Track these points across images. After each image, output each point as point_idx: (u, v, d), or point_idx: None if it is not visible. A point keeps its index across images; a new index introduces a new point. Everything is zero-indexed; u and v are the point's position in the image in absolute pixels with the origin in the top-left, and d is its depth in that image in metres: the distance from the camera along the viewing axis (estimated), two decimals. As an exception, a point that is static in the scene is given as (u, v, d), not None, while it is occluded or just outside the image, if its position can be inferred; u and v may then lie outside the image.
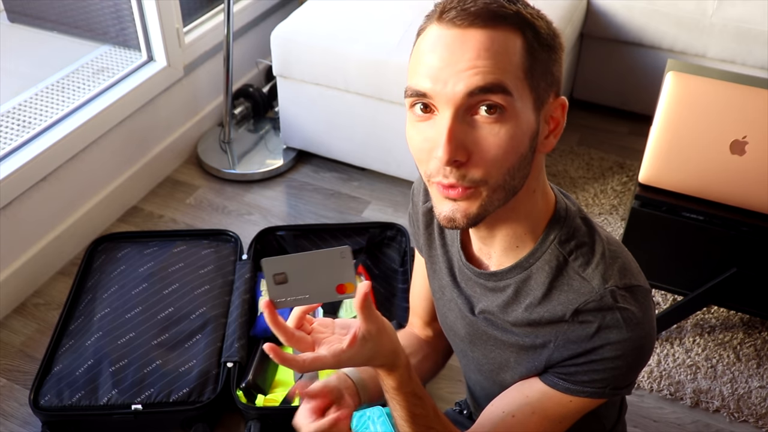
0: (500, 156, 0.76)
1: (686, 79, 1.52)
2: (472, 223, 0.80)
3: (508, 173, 0.77)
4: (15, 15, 2.67)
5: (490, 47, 0.73)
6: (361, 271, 1.96)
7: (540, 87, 0.77)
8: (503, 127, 0.75)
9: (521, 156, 0.77)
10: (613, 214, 2.26)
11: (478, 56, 0.73)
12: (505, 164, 0.77)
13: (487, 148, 0.75)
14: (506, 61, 0.74)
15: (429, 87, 0.75)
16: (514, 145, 0.76)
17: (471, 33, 0.74)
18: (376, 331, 0.81)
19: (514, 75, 0.74)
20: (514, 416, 0.91)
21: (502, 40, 0.74)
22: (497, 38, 0.74)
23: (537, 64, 0.76)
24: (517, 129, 0.76)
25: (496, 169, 0.76)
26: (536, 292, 0.86)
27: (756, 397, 1.75)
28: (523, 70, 0.75)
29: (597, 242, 0.86)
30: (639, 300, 0.84)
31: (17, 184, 1.91)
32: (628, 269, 0.85)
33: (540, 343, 0.87)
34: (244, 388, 1.67)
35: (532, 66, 0.75)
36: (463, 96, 0.74)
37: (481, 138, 0.75)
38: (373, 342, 0.81)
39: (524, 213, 0.85)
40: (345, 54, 2.13)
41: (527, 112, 0.76)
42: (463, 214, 0.79)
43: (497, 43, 0.74)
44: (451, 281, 0.96)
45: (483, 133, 0.75)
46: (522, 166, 0.78)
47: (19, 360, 1.85)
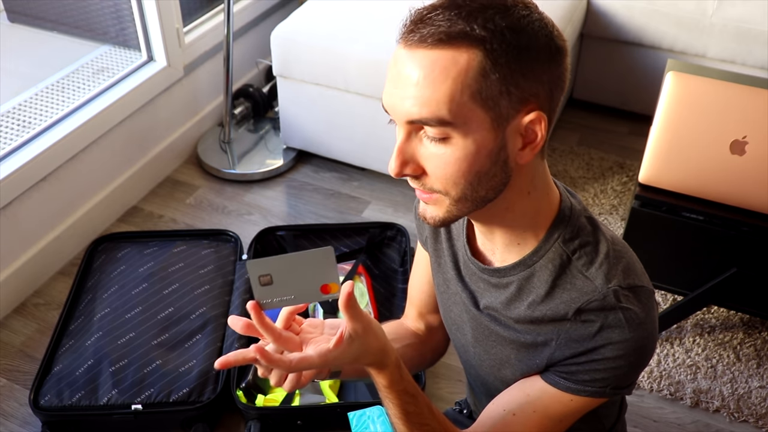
0: (451, 173, 0.77)
1: (686, 79, 1.52)
2: (440, 224, 0.83)
3: (468, 187, 0.78)
4: (15, 15, 2.67)
5: (430, 73, 0.73)
6: (361, 271, 1.96)
7: (499, 105, 0.74)
8: (448, 149, 0.76)
9: (479, 173, 0.77)
10: (613, 214, 2.26)
11: (417, 83, 0.74)
12: (461, 180, 0.77)
13: (436, 166, 0.78)
14: (446, 88, 0.73)
15: (387, 106, 0.79)
16: (466, 164, 0.76)
17: (417, 54, 0.74)
18: (362, 330, 0.81)
19: (456, 101, 0.73)
20: (515, 415, 0.91)
21: (445, 63, 0.72)
22: (441, 61, 0.72)
23: (492, 84, 0.73)
24: (466, 151, 0.76)
25: (452, 185, 0.78)
26: (539, 289, 0.86)
27: (756, 397, 1.75)
28: (471, 93, 0.73)
29: (601, 241, 0.86)
30: (642, 300, 0.84)
31: (17, 184, 1.91)
32: (631, 269, 0.85)
33: (541, 341, 0.88)
34: (244, 388, 1.67)
35: (487, 87, 0.73)
36: (404, 122, 0.77)
37: (430, 156, 0.78)
38: (360, 341, 0.81)
39: (520, 213, 0.85)
40: (345, 54, 2.13)
41: (480, 131, 0.75)
42: (431, 216, 0.83)
43: (439, 68, 0.72)
44: (456, 275, 0.97)
45: (431, 152, 0.77)
46: (485, 180, 0.78)
47: (19, 360, 1.86)
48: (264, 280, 0.76)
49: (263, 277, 0.76)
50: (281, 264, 0.76)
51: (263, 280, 0.76)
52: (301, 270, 0.77)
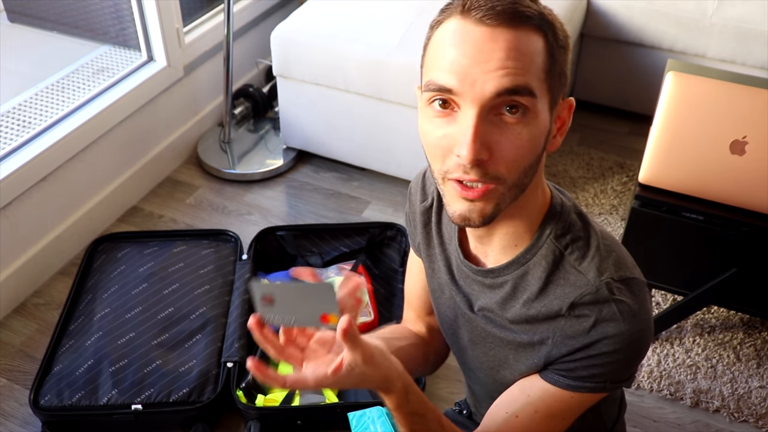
0: (520, 156, 0.77)
1: (686, 79, 1.52)
2: (487, 221, 0.80)
3: (523, 172, 0.79)
4: (15, 15, 2.67)
5: (518, 47, 0.74)
6: (361, 271, 1.96)
7: (555, 87, 0.78)
8: (525, 128, 0.76)
9: (537, 155, 0.79)
10: (613, 214, 2.26)
11: (507, 57, 0.73)
12: (523, 164, 0.78)
13: (508, 148, 0.76)
14: (531, 63, 0.75)
15: (455, 84, 0.74)
16: (533, 146, 0.77)
17: (499, 32, 0.73)
18: (362, 360, 0.79)
19: (537, 77, 0.75)
20: (518, 416, 0.91)
21: (527, 41, 0.74)
22: (523, 39, 0.74)
23: (555, 65, 0.77)
24: (537, 129, 0.77)
25: (515, 169, 0.77)
26: (533, 287, 0.86)
27: (756, 397, 1.75)
28: (545, 71, 0.76)
29: (592, 236, 0.87)
30: (635, 292, 0.84)
31: (17, 184, 1.91)
32: (622, 262, 0.86)
33: (538, 340, 0.88)
34: (244, 388, 1.67)
35: (552, 67, 0.77)
36: (491, 96, 0.73)
37: (503, 138, 0.76)
38: (360, 370, 0.79)
39: (527, 210, 0.85)
40: (345, 54, 2.13)
41: (545, 112, 0.78)
42: (479, 213, 0.79)
43: (524, 44, 0.74)
44: (449, 279, 0.97)
45: (506, 133, 0.76)
46: (535, 164, 0.80)
47: (19, 360, 1.86)
48: (266, 300, 0.77)
49: (266, 297, 0.77)
50: (284, 290, 0.78)
51: (266, 300, 0.77)
52: (302, 299, 0.78)
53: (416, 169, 2.16)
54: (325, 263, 2.03)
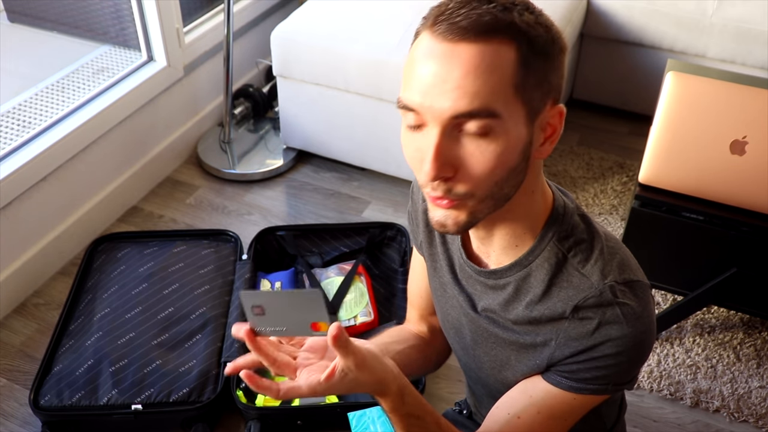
0: (487, 172, 0.76)
1: (686, 79, 1.52)
2: (462, 229, 0.81)
3: (495, 185, 0.77)
4: (15, 15, 2.67)
5: (479, 64, 0.72)
6: (361, 271, 1.96)
7: (534, 99, 0.75)
8: (490, 144, 0.75)
9: (511, 169, 0.77)
10: (613, 214, 2.26)
11: (465, 75, 0.72)
12: (492, 178, 0.76)
13: (473, 165, 0.75)
14: (495, 80, 0.72)
15: (417, 104, 0.75)
16: (502, 161, 0.75)
17: (461, 48, 0.72)
18: (355, 366, 0.78)
19: (503, 93, 0.73)
20: (520, 417, 0.91)
21: (492, 56, 0.72)
22: (488, 53, 0.72)
23: (530, 76, 0.74)
24: (506, 145, 0.75)
25: (483, 184, 0.77)
26: (536, 289, 0.86)
27: (756, 397, 1.75)
28: (514, 86, 0.73)
29: (595, 238, 0.86)
30: (638, 295, 0.84)
31: (17, 184, 1.91)
32: (626, 264, 0.86)
33: (541, 342, 0.88)
34: (244, 388, 1.67)
35: (525, 79, 0.73)
36: (449, 118, 0.73)
37: (468, 154, 0.75)
38: (353, 375, 0.79)
39: (523, 213, 0.85)
40: (345, 54, 2.13)
41: (518, 126, 0.75)
42: (453, 221, 0.80)
43: (486, 60, 0.72)
44: (452, 279, 0.97)
45: (470, 150, 0.75)
46: (512, 176, 0.78)
47: (19, 360, 1.86)
48: (257, 310, 0.77)
49: (256, 308, 0.77)
50: (273, 299, 0.77)
51: (256, 310, 0.77)
52: (291, 307, 0.78)
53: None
54: (325, 263, 2.03)
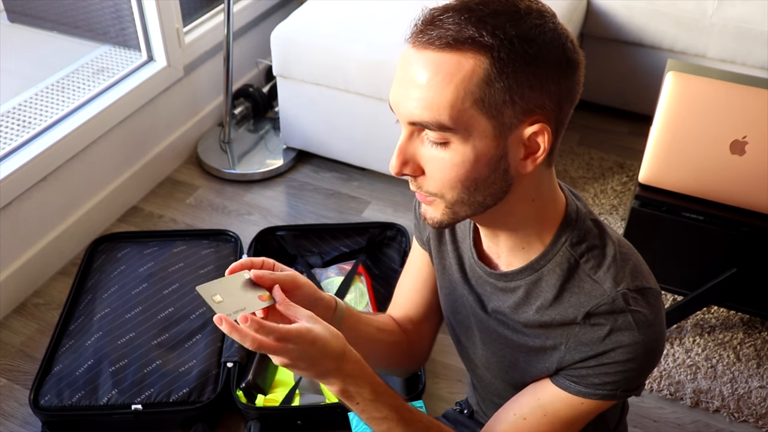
0: (448, 178, 0.77)
1: (686, 79, 1.52)
2: (440, 226, 0.83)
3: (465, 192, 0.78)
4: (15, 15, 2.67)
5: (435, 76, 0.73)
6: (361, 271, 1.96)
7: (503, 114, 0.74)
8: (447, 154, 0.76)
9: (476, 179, 0.77)
10: (613, 214, 2.26)
11: (421, 85, 0.74)
12: (457, 185, 0.77)
13: (434, 169, 0.78)
14: (450, 93, 0.72)
15: (391, 103, 0.79)
16: (464, 171, 0.76)
17: (424, 56, 0.74)
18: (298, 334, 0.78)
19: (458, 107, 0.73)
20: (525, 419, 0.91)
21: (452, 68, 0.72)
22: (446, 64, 0.72)
23: (496, 92, 0.72)
24: (465, 156, 0.75)
25: (449, 188, 0.78)
26: (547, 294, 0.86)
27: (756, 397, 1.76)
28: (474, 100, 0.72)
29: (608, 244, 0.86)
30: (650, 302, 0.84)
31: (17, 184, 1.91)
32: (639, 271, 0.85)
33: (551, 345, 0.88)
34: (244, 388, 1.67)
35: (491, 95, 0.72)
36: (407, 122, 0.77)
37: (429, 158, 0.78)
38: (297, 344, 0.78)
39: (523, 218, 0.84)
40: (345, 54, 2.13)
41: (481, 139, 0.75)
42: (430, 217, 0.83)
43: (443, 71, 0.72)
44: (461, 278, 0.96)
45: (429, 155, 0.78)
46: (483, 186, 0.78)
47: (19, 360, 1.86)
48: (216, 299, 0.81)
49: (215, 296, 0.81)
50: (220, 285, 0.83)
51: (216, 299, 0.81)
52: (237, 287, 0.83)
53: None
54: (325, 263, 2.03)
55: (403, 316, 1.11)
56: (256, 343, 0.76)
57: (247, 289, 0.84)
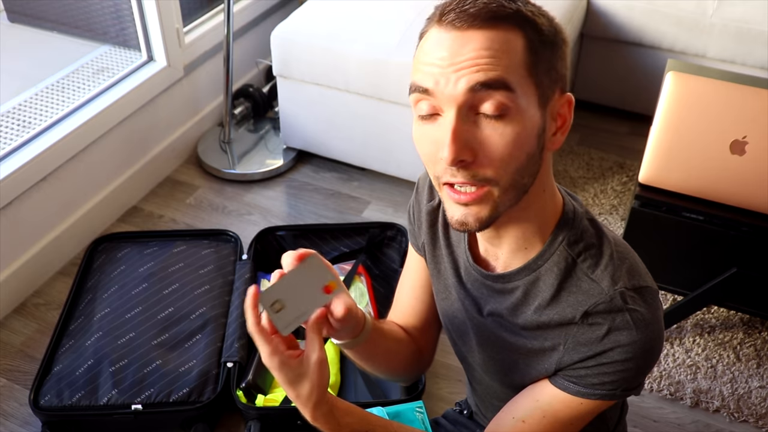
0: (507, 155, 0.76)
1: (686, 79, 1.52)
2: (484, 226, 0.80)
3: (517, 172, 0.77)
4: (15, 15, 2.67)
5: (491, 46, 0.74)
6: (361, 271, 1.96)
7: (544, 83, 0.77)
8: (508, 126, 0.75)
9: (529, 154, 0.77)
10: (613, 214, 2.26)
11: (478, 55, 0.73)
12: (513, 163, 0.76)
13: (493, 148, 0.75)
14: (507, 59, 0.74)
15: (431, 84, 0.75)
16: (520, 143, 0.76)
17: (470, 34, 0.74)
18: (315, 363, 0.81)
19: (516, 72, 0.74)
20: (525, 421, 0.91)
21: (502, 40, 0.74)
22: (497, 38, 0.74)
23: (539, 60, 0.76)
24: (523, 126, 0.76)
25: (504, 169, 0.76)
26: (545, 294, 0.86)
27: (756, 397, 1.75)
28: (526, 67, 0.75)
29: (605, 244, 0.86)
30: (648, 301, 0.84)
31: (17, 184, 1.91)
32: (636, 270, 0.85)
33: (549, 346, 0.87)
34: (244, 388, 1.67)
35: (535, 63, 0.76)
36: (465, 92, 0.74)
37: (486, 137, 0.75)
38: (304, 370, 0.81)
39: (534, 212, 0.84)
40: (345, 54, 2.13)
41: (532, 108, 0.76)
42: (474, 217, 0.79)
43: (497, 43, 0.74)
44: (456, 282, 0.96)
45: (488, 132, 0.75)
46: (531, 164, 0.78)
47: (19, 360, 1.86)
48: (276, 307, 0.79)
49: (275, 305, 0.79)
50: (284, 286, 0.79)
51: (276, 307, 0.79)
52: (301, 283, 0.80)
53: (416, 168, 2.16)
54: (325, 263, 2.03)
55: (408, 324, 1.11)
56: None
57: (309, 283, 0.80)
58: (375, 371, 1.06)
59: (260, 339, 0.80)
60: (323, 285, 0.81)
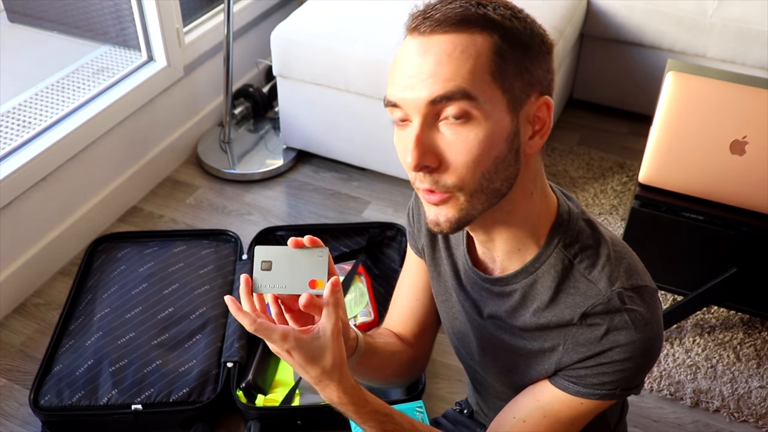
0: (471, 160, 0.76)
1: (686, 79, 1.52)
2: (455, 227, 0.81)
3: (483, 177, 0.77)
4: (15, 15, 2.67)
5: (452, 52, 0.74)
6: (361, 271, 1.96)
7: (514, 87, 0.76)
8: (471, 131, 0.75)
9: (497, 159, 0.77)
10: (613, 214, 2.26)
11: (439, 63, 0.74)
12: (479, 167, 0.76)
13: (456, 153, 0.76)
14: (470, 64, 0.74)
15: (398, 97, 0.77)
16: (485, 149, 0.76)
17: (434, 39, 0.75)
18: (331, 331, 0.81)
19: (479, 78, 0.74)
20: (525, 421, 0.91)
21: (465, 44, 0.74)
22: (460, 42, 0.74)
23: (508, 65, 0.75)
24: (488, 132, 0.75)
25: (470, 174, 0.77)
26: (543, 296, 0.86)
27: (756, 397, 1.76)
28: (490, 72, 0.74)
29: (602, 244, 0.86)
30: (646, 300, 0.84)
31: (17, 184, 1.91)
32: (634, 270, 0.85)
33: (549, 347, 0.88)
34: (244, 388, 1.67)
35: (502, 67, 0.75)
36: (426, 104, 0.75)
37: (450, 143, 0.76)
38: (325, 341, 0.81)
39: (523, 216, 0.84)
40: (345, 54, 2.13)
41: (499, 113, 0.76)
42: (445, 218, 0.80)
43: (459, 48, 0.74)
44: (456, 285, 0.96)
45: (451, 138, 0.76)
46: (501, 168, 0.78)
47: (19, 360, 1.86)
48: (264, 266, 0.83)
49: (264, 263, 0.83)
50: (284, 254, 0.84)
51: (264, 265, 0.83)
52: (298, 263, 0.84)
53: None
54: (325, 263, 2.03)
55: (406, 329, 1.12)
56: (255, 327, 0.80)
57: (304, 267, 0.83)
58: (368, 383, 1.06)
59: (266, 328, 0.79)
60: (313, 278, 0.83)
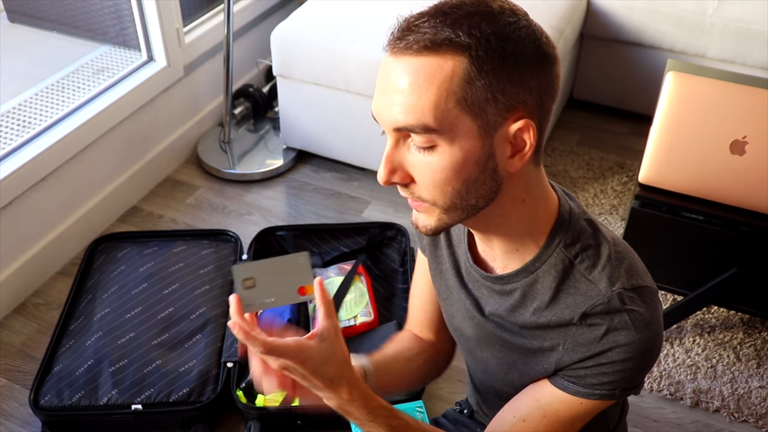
0: (438, 182, 0.77)
1: (686, 79, 1.52)
2: (433, 233, 0.83)
3: (456, 196, 0.78)
4: (15, 15, 2.67)
5: (415, 80, 0.73)
6: (361, 271, 1.96)
7: (487, 112, 0.74)
8: (436, 158, 0.76)
9: (468, 180, 0.77)
10: (613, 214, 2.26)
11: (402, 90, 0.74)
12: (448, 188, 0.77)
13: (423, 174, 0.78)
14: (432, 96, 0.73)
15: (375, 111, 0.79)
16: (451, 173, 0.76)
17: (403, 62, 0.74)
18: (333, 331, 0.82)
19: (442, 108, 0.73)
20: (525, 421, 0.91)
21: (431, 70, 0.73)
22: (426, 67, 0.73)
23: (479, 90, 0.73)
24: (453, 159, 0.75)
25: (439, 193, 0.78)
26: (543, 296, 0.86)
27: (756, 397, 1.76)
28: (457, 100, 0.73)
29: (603, 244, 0.86)
30: (646, 301, 0.84)
31: (17, 184, 1.91)
32: (634, 270, 0.85)
33: (548, 347, 0.88)
34: (244, 388, 1.67)
35: (473, 93, 0.73)
36: (392, 129, 0.77)
37: (417, 164, 0.78)
38: (330, 342, 0.81)
39: (515, 220, 0.84)
40: (345, 54, 2.13)
41: (467, 140, 0.75)
42: (423, 224, 0.83)
43: (424, 74, 0.73)
44: (458, 282, 0.96)
45: (418, 160, 0.78)
46: (473, 188, 0.78)
47: (19, 360, 1.86)
48: (248, 283, 0.80)
49: (247, 281, 0.80)
50: (264, 268, 0.81)
51: (247, 283, 0.80)
52: (280, 273, 0.81)
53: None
54: (325, 263, 2.03)
55: (423, 329, 1.14)
56: None
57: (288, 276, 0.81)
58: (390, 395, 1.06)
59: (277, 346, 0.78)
60: (301, 285, 0.82)
